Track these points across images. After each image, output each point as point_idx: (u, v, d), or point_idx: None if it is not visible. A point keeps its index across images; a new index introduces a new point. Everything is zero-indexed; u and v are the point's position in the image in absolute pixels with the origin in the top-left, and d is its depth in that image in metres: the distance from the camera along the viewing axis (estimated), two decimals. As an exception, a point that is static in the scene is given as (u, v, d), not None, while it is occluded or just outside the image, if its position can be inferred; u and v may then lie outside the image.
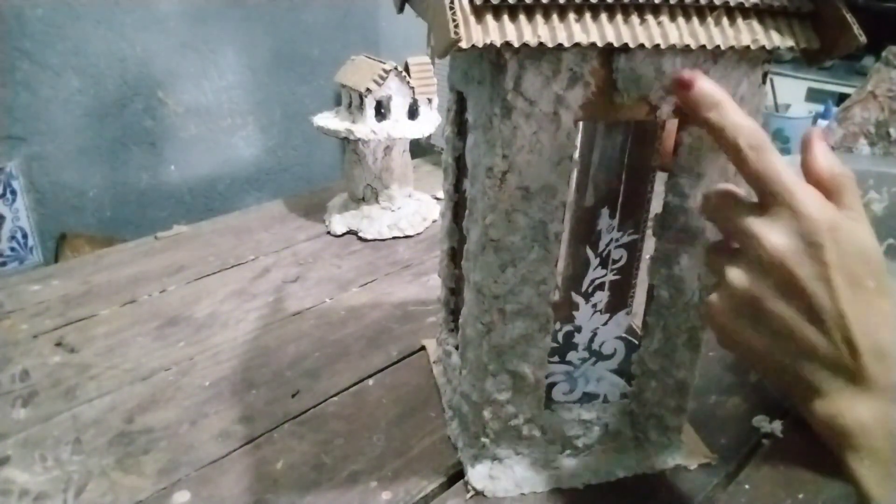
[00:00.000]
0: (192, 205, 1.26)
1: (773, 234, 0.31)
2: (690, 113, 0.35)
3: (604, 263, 0.44)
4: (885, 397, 0.30)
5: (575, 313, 0.45)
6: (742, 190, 0.35)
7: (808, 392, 0.32)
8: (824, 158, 0.33)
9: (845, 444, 0.31)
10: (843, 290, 0.30)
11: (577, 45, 0.32)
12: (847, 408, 0.31)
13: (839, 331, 0.30)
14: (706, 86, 0.34)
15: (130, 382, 0.56)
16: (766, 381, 0.36)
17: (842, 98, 1.82)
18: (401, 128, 0.81)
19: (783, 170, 0.32)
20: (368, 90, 0.78)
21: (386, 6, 1.41)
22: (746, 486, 0.47)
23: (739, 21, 0.34)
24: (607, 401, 0.47)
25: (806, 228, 0.31)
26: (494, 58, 0.35)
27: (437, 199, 0.93)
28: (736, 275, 0.33)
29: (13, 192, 1.04)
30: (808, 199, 0.31)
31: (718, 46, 0.34)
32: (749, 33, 0.34)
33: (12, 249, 1.06)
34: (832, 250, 0.30)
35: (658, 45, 0.33)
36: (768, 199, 0.32)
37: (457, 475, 0.47)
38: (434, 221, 0.88)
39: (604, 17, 0.33)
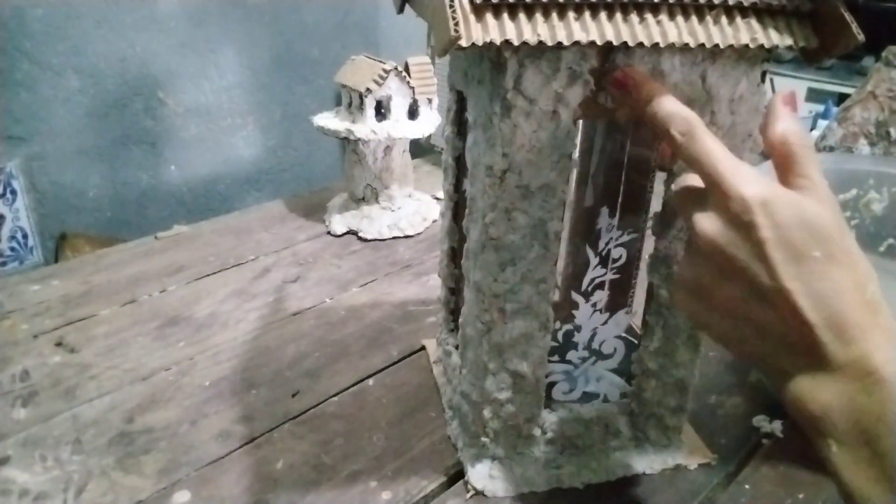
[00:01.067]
0: (192, 205, 1.26)
1: (704, 220, 0.31)
2: (634, 110, 0.35)
3: (603, 262, 0.44)
4: (846, 376, 0.29)
5: (575, 312, 0.45)
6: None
7: (778, 375, 0.31)
8: (780, 126, 0.32)
9: (814, 429, 0.30)
10: (783, 265, 0.29)
11: (576, 43, 0.32)
12: (810, 391, 0.30)
13: (787, 306, 0.29)
14: (639, 80, 0.34)
15: (130, 382, 0.56)
16: (747, 363, 0.36)
17: (842, 98, 1.82)
18: (401, 128, 0.81)
19: (714, 153, 0.31)
20: (368, 90, 0.78)
21: (386, 6, 1.41)
22: (746, 486, 0.47)
23: (738, 20, 0.34)
24: (607, 400, 0.47)
25: (735, 208, 0.30)
26: (494, 56, 0.35)
27: (437, 199, 0.93)
28: (683, 265, 0.33)
29: (13, 192, 1.04)
30: (736, 178, 0.30)
31: (717, 45, 0.34)
32: (748, 32, 0.34)
33: (12, 249, 1.06)
34: (765, 226, 0.29)
35: (657, 44, 0.33)
36: (706, 185, 0.31)
37: (457, 475, 0.47)
38: (434, 221, 0.88)
39: (603, 15, 0.33)
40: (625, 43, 0.32)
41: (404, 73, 0.81)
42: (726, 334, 0.32)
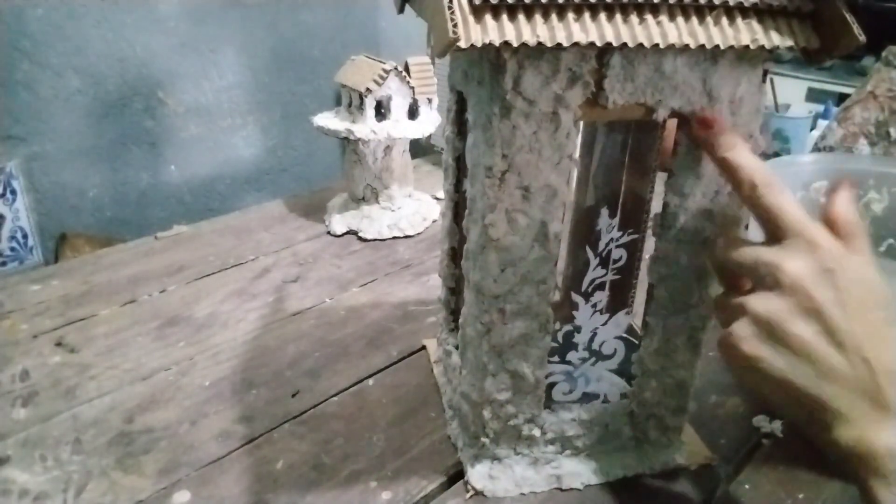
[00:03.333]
0: (192, 205, 1.26)
1: (791, 261, 0.33)
2: (707, 151, 0.37)
3: (604, 263, 0.44)
4: None
5: (575, 313, 0.45)
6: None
7: (829, 418, 0.33)
8: (845, 206, 0.36)
9: (870, 469, 0.32)
10: (856, 313, 0.32)
11: (576, 44, 0.32)
12: (873, 432, 0.32)
13: (856, 351, 0.32)
14: (725, 126, 0.37)
15: (130, 382, 0.56)
16: (785, 413, 0.38)
17: (842, 98, 1.82)
18: (401, 128, 0.81)
19: (794, 205, 0.34)
20: (368, 90, 0.78)
21: (386, 6, 1.41)
22: (746, 486, 0.47)
23: (739, 21, 0.34)
24: (607, 401, 0.47)
25: (821, 256, 0.33)
26: (494, 57, 0.35)
27: (437, 199, 0.93)
28: (756, 301, 0.34)
29: (13, 192, 1.04)
30: (820, 231, 0.34)
31: (718, 46, 0.34)
32: (749, 33, 0.34)
33: (12, 249, 1.06)
34: (844, 277, 0.33)
35: (657, 45, 0.33)
36: (781, 233, 0.34)
37: (457, 475, 0.47)
38: (434, 221, 0.88)
39: (603, 16, 0.33)
40: (625, 44, 0.32)
41: (404, 73, 0.81)
42: (780, 377, 0.34)
